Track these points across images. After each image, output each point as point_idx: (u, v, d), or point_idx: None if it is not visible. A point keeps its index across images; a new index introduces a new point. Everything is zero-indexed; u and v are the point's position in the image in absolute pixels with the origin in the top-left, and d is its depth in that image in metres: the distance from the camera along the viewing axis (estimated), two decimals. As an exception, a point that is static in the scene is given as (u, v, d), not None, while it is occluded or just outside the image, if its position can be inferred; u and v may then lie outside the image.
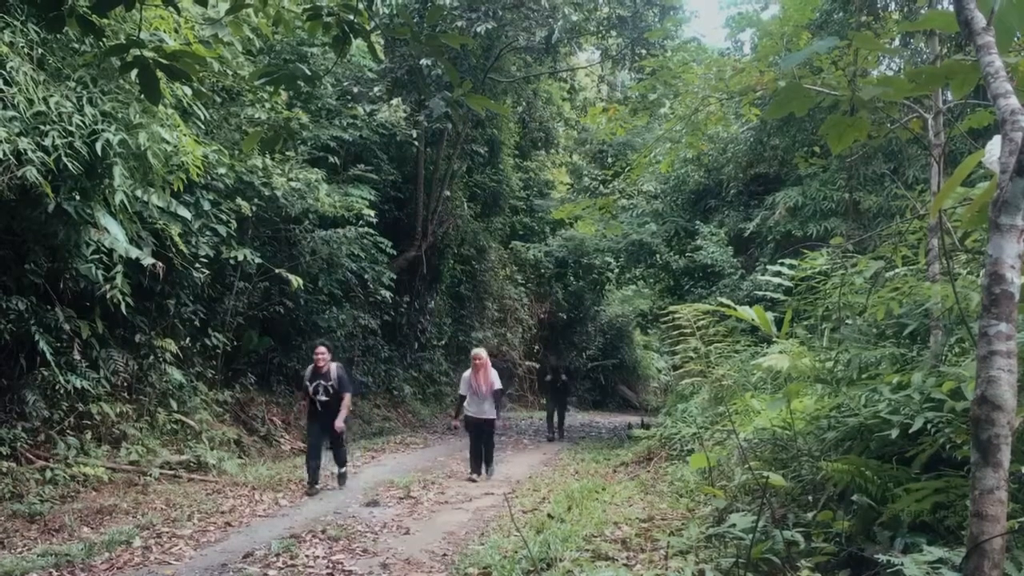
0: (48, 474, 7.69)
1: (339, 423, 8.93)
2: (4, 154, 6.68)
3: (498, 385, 10.12)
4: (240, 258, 10.95)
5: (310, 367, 9.11)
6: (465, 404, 10.12)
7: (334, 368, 9.02)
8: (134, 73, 3.83)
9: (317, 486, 8.85)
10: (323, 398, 8.93)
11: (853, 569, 4.13)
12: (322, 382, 8.92)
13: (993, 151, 2.85)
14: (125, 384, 9.40)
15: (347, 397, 9.03)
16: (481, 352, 10.28)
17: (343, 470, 9.26)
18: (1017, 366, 2.39)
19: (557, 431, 15.86)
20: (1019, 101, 2.51)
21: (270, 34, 11.56)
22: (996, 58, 2.59)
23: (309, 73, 4.77)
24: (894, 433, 4.25)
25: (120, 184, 7.92)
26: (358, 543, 6.54)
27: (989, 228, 2.43)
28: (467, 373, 10.16)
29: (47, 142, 7.08)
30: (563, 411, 16.48)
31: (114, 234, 8.22)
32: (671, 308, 7.88)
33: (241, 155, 10.90)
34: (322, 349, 9.06)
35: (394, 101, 15.05)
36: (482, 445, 10.12)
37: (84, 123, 7.44)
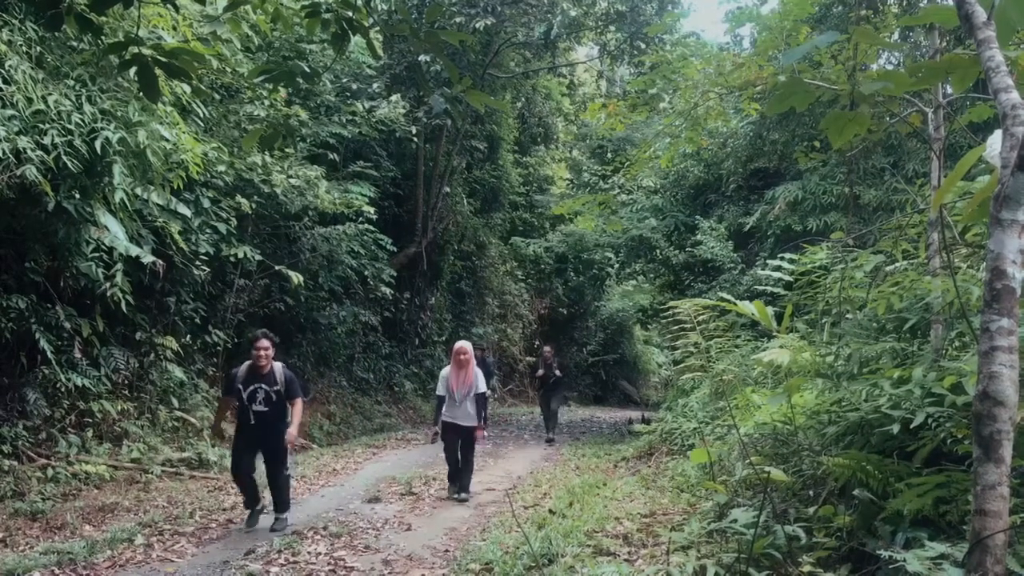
0: (50, 472, 7.70)
1: (293, 431, 6.77)
2: (3, 153, 6.68)
3: (482, 388, 8.42)
4: (240, 255, 10.95)
5: (244, 366, 6.87)
6: (444, 407, 8.44)
7: (279, 369, 6.83)
8: (133, 71, 3.83)
9: (259, 509, 6.95)
10: (261, 408, 6.70)
11: (855, 564, 4.13)
12: (262, 386, 6.71)
13: (994, 146, 2.85)
14: (126, 382, 9.40)
15: (299, 403, 6.84)
16: (466, 345, 8.53)
17: (283, 515, 6.85)
18: (1019, 362, 2.39)
19: (549, 431, 14.70)
20: (1020, 95, 2.50)
21: (268, 31, 11.54)
22: (997, 52, 2.58)
23: (308, 70, 4.76)
24: (895, 428, 4.25)
25: (120, 182, 7.91)
26: (360, 539, 6.55)
27: (990, 223, 2.42)
28: (446, 370, 8.56)
29: (46, 140, 7.07)
30: (555, 409, 15.00)
31: (114, 232, 8.22)
32: (671, 303, 7.90)
33: (240, 152, 10.89)
34: (265, 343, 6.77)
35: (393, 97, 15.04)
36: (460, 455, 8.44)
37: (83, 121, 7.43)
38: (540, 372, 15.14)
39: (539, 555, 5.40)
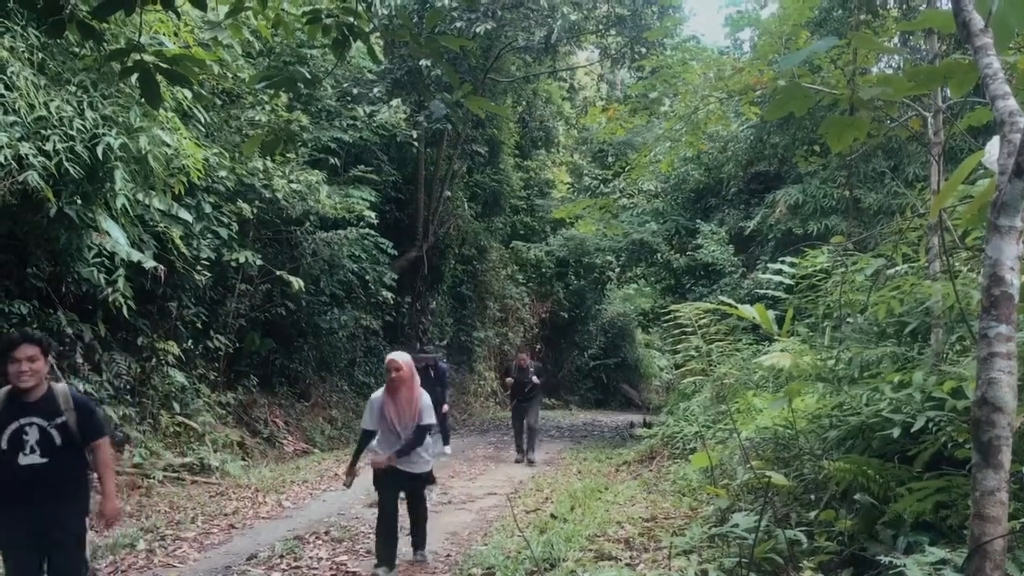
0: (51, 477, 7.68)
1: (112, 505, 4.01)
2: (5, 159, 6.69)
3: (428, 419, 5.80)
4: (241, 260, 10.96)
5: (2, 392, 3.83)
6: (373, 444, 5.93)
7: (62, 392, 3.90)
8: (134, 77, 3.85)
9: None
10: (35, 458, 3.74)
11: (856, 568, 4.14)
12: (34, 420, 3.77)
13: (993, 151, 2.86)
14: (128, 387, 9.40)
15: (105, 445, 4.01)
16: (401, 359, 5.82)
17: None
18: (1017, 367, 2.40)
19: (527, 452, 12.11)
20: (1017, 102, 2.51)
21: (270, 36, 11.57)
22: (994, 59, 2.59)
23: (309, 76, 4.79)
24: (896, 432, 4.26)
25: (121, 188, 7.93)
26: (361, 544, 6.55)
27: (988, 230, 2.43)
28: (377, 394, 5.87)
29: (48, 147, 7.09)
30: (533, 425, 12.18)
31: (115, 238, 8.23)
32: (672, 307, 7.89)
33: (242, 157, 10.91)
34: (29, 350, 3.73)
35: (394, 102, 15.06)
36: (408, 511, 6.01)
37: (85, 127, 7.45)
38: (510, 379, 12.36)
39: (541, 559, 5.41)
